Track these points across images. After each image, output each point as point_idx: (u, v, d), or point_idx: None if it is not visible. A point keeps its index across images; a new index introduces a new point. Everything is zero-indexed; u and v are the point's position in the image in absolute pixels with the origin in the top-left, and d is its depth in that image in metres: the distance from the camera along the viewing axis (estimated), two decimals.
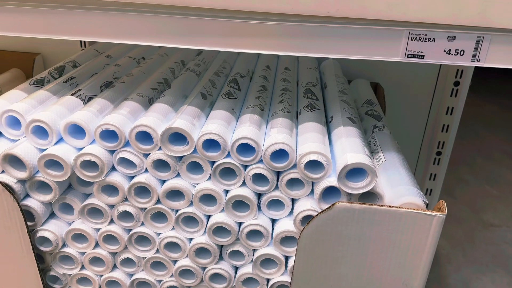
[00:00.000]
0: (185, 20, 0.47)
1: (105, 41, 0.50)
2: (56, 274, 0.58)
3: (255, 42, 0.48)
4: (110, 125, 0.50)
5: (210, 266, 0.56)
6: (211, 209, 0.53)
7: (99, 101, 0.56)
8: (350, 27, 0.46)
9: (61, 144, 0.52)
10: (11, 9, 0.48)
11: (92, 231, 0.55)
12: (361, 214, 0.47)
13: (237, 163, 0.51)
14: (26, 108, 0.53)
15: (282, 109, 0.58)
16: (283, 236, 0.52)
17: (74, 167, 0.51)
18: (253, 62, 0.79)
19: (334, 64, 0.79)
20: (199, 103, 0.58)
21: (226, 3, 0.45)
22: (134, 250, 0.56)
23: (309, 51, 0.48)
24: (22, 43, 0.92)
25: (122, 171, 0.53)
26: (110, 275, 0.58)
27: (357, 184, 0.48)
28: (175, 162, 0.52)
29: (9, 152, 0.50)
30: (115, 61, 0.73)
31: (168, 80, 0.68)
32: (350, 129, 0.54)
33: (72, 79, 0.63)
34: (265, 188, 0.52)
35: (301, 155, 0.49)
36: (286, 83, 0.68)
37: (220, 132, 0.50)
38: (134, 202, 0.53)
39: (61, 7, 0.48)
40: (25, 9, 0.48)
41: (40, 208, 0.53)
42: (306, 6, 0.44)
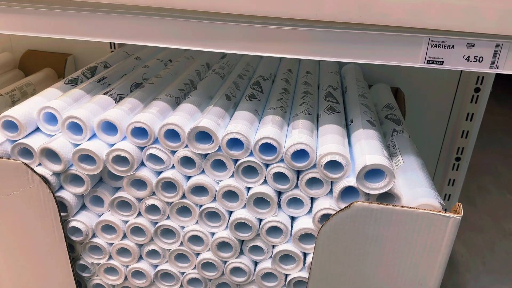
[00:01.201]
0: (210, 24, 0.50)
1: (134, 43, 0.52)
2: (85, 263, 0.62)
3: (279, 46, 0.50)
4: (141, 123, 0.53)
5: (231, 260, 0.58)
6: (233, 205, 0.56)
7: (130, 100, 0.59)
8: (372, 33, 0.47)
9: (94, 140, 0.55)
10: (45, 12, 0.52)
11: (121, 223, 0.58)
12: (379, 214, 0.49)
13: (259, 162, 0.53)
14: (62, 105, 0.56)
15: (303, 111, 0.60)
16: (302, 233, 0.54)
17: (106, 162, 0.54)
18: (275, 66, 0.81)
19: (355, 69, 0.80)
20: (224, 104, 0.60)
21: (253, 10, 0.48)
22: (159, 242, 0.59)
23: (331, 55, 0.49)
24: (55, 44, 0.97)
25: (150, 167, 0.56)
26: (136, 265, 0.61)
27: (375, 184, 0.49)
28: (200, 159, 0.55)
29: (46, 146, 0.54)
30: (144, 62, 0.76)
31: (194, 81, 0.70)
32: (369, 131, 0.56)
33: (104, 79, 0.66)
34: (286, 187, 0.54)
35: (321, 155, 0.51)
36: (307, 86, 0.70)
37: (243, 131, 0.53)
38: (161, 196, 0.56)
39: (92, 10, 0.51)
40: (59, 12, 0.52)
41: (72, 200, 0.56)
42: (330, 13, 0.46)
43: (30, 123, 0.56)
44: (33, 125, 0.56)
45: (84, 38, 0.53)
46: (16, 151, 0.55)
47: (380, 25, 0.47)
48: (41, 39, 0.97)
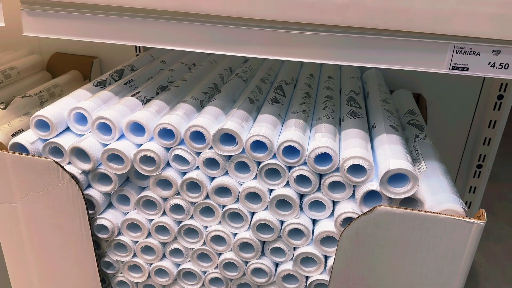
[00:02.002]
0: (234, 29, 0.51)
1: (159, 47, 0.54)
2: (110, 260, 0.63)
3: (302, 51, 0.51)
4: (168, 125, 0.55)
5: (253, 260, 0.59)
6: (256, 207, 0.57)
7: (157, 102, 0.61)
8: (397, 39, 0.48)
9: (122, 140, 0.57)
10: (73, 16, 0.53)
11: (146, 221, 0.59)
12: (401, 219, 0.49)
13: (282, 164, 0.54)
14: (92, 106, 0.58)
15: (326, 115, 0.61)
16: (323, 236, 0.55)
17: (133, 162, 0.55)
18: (296, 70, 0.82)
19: (376, 74, 0.81)
20: (247, 107, 0.61)
21: (279, 16, 0.49)
22: (182, 241, 0.60)
23: (355, 61, 0.50)
24: (81, 47, 1.00)
25: (176, 167, 0.57)
26: (159, 263, 0.62)
27: (399, 189, 0.50)
28: (224, 161, 0.56)
29: (76, 145, 0.55)
30: (169, 66, 0.78)
31: (217, 85, 0.72)
32: (392, 136, 0.56)
33: (131, 82, 0.68)
34: (308, 189, 0.55)
35: (344, 159, 0.51)
36: (329, 91, 0.70)
37: (267, 134, 0.54)
38: (186, 196, 0.57)
39: (119, 14, 0.53)
40: (86, 16, 0.53)
41: (100, 198, 0.58)
42: (355, 19, 0.47)
43: (61, 123, 0.58)
44: (63, 125, 0.58)
45: (111, 41, 0.54)
46: (47, 149, 0.57)
47: (405, 31, 0.48)
48: (68, 42, 1.00)
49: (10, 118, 0.77)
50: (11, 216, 0.60)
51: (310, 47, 0.50)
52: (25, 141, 0.57)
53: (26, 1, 0.54)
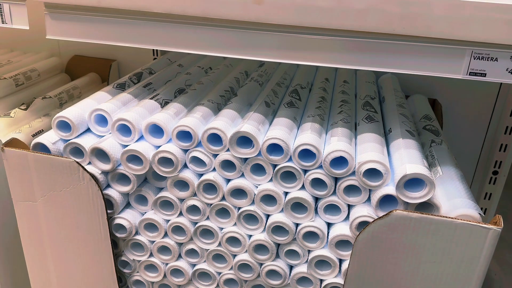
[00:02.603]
0: (251, 34, 0.52)
1: (176, 51, 0.55)
2: (127, 260, 0.64)
3: (318, 55, 0.51)
4: (186, 127, 0.56)
5: (267, 262, 0.60)
6: (271, 209, 0.57)
7: (175, 105, 0.62)
8: (414, 45, 0.48)
9: (141, 141, 0.58)
10: (94, 19, 0.55)
11: (163, 221, 0.60)
12: (417, 223, 0.49)
13: (297, 168, 0.55)
14: (112, 108, 0.60)
15: (341, 119, 0.61)
16: (338, 240, 0.55)
17: (152, 163, 0.57)
18: (312, 74, 0.83)
19: (392, 79, 0.81)
20: (263, 111, 0.62)
21: (297, 21, 0.49)
22: (198, 242, 0.61)
23: (372, 65, 0.51)
24: (100, 50, 1.02)
25: (193, 169, 0.58)
26: (175, 263, 0.63)
27: (415, 194, 0.50)
28: (241, 163, 0.57)
29: (96, 146, 0.57)
30: (186, 70, 0.80)
31: (233, 88, 0.73)
32: (409, 141, 0.56)
33: (150, 85, 0.69)
34: (323, 193, 0.55)
35: (360, 163, 0.52)
36: (345, 95, 0.71)
37: (283, 137, 0.54)
38: (202, 198, 0.58)
39: (137, 18, 0.54)
40: (105, 19, 0.55)
41: (119, 198, 0.59)
42: (373, 24, 0.48)
43: (82, 124, 0.59)
44: (84, 126, 0.60)
45: (130, 44, 0.56)
46: (68, 150, 0.58)
47: (423, 37, 0.48)
48: (87, 45, 1.02)
49: (31, 119, 0.79)
50: (31, 214, 0.61)
51: (327, 52, 0.51)
52: (47, 141, 0.58)
53: (50, 5, 0.56)
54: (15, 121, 0.77)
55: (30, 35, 1.04)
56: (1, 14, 0.58)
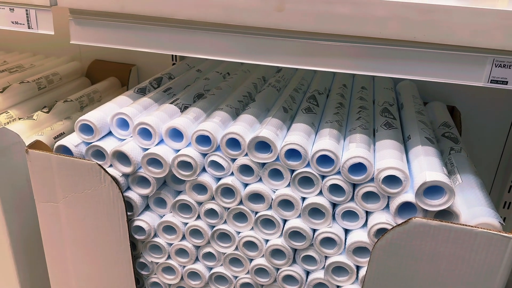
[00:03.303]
0: (269, 40, 0.52)
1: (196, 56, 0.56)
2: (145, 262, 0.65)
3: (337, 61, 0.52)
4: (206, 131, 0.57)
5: (284, 267, 0.60)
6: (288, 214, 0.57)
7: (194, 109, 0.63)
8: (434, 52, 0.48)
9: (161, 145, 0.59)
10: (114, 25, 0.56)
11: (181, 224, 0.61)
12: (437, 231, 0.49)
13: (315, 173, 0.55)
14: (134, 112, 0.61)
15: (360, 125, 0.61)
16: (356, 246, 0.55)
17: (171, 166, 0.57)
18: (329, 80, 0.83)
19: (411, 85, 0.81)
20: (281, 116, 0.62)
21: (318, 27, 0.50)
22: (215, 245, 0.61)
23: (392, 72, 0.51)
24: (120, 54, 1.04)
25: (211, 173, 0.58)
26: (192, 266, 0.63)
27: (434, 201, 0.50)
28: (259, 168, 0.57)
29: (118, 149, 0.58)
30: (205, 75, 0.81)
31: (251, 94, 0.73)
32: (428, 148, 0.56)
33: (170, 90, 0.70)
34: (341, 199, 0.55)
35: (379, 170, 0.52)
36: (363, 101, 0.71)
37: (301, 143, 0.55)
38: (220, 201, 0.59)
39: (158, 24, 0.55)
40: (126, 25, 0.56)
41: (138, 200, 0.60)
42: (394, 31, 0.48)
43: (104, 127, 0.60)
44: (106, 129, 0.61)
45: (150, 50, 0.57)
46: (90, 152, 0.60)
47: (444, 44, 0.48)
48: (107, 49, 1.04)
49: (53, 121, 0.81)
50: (53, 215, 0.63)
51: (346, 58, 0.51)
52: (69, 143, 0.59)
53: (75, 11, 0.58)
54: (37, 123, 0.79)
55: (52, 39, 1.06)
56: (28, 20, 0.60)
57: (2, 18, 0.61)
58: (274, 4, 0.50)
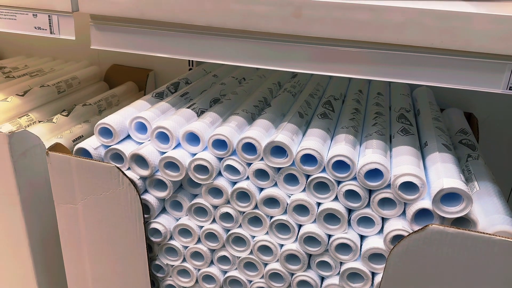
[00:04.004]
0: (285, 46, 0.53)
1: (212, 61, 0.57)
2: (161, 264, 0.66)
3: (354, 67, 0.52)
4: (222, 136, 0.57)
5: (299, 272, 0.60)
6: (304, 219, 0.58)
7: (211, 114, 0.63)
8: (452, 58, 0.48)
9: (178, 149, 0.59)
10: (132, 31, 0.57)
11: (196, 227, 0.62)
12: (454, 238, 0.48)
13: (331, 179, 0.55)
14: (152, 116, 0.62)
15: (376, 131, 0.61)
16: (371, 253, 0.55)
17: (188, 170, 0.58)
18: (345, 86, 0.83)
19: (427, 92, 0.80)
20: (297, 121, 0.63)
21: (334, 33, 0.50)
22: (230, 249, 0.62)
23: (408, 78, 0.51)
24: (138, 59, 1.05)
25: (227, 177, 0.59)
26: (207, 269, 0.64)
27: (452, 208, 0.49)
28: (274, 172, 0.57)
29: (136, 152, 0.59)
30: (221, 80, 0.81)
31: (267, 99, 0.74)
32: (445, 155, 0.56)
33: (187, 94, 0.71)
34: (357, 205, 0.55)
35: (396, 176, 0.51)
36: (379, 107, 0.71)
37: (317, 148, 0.55)
38: (235, 205, 0.59)
39: (175, 30, 0.56)
40: (145, 30, 0.57)
41: (155, 203, 0.61)
42: (411, 37, 0.48)
43: (123, 131, 0.61)
44: (125, 132, 0.62)
45: (168, 55, 0.58)
46: (109, 155, 0.61)
47: (462, 51, 0.48)
48: (125, 54, 1.06)
49: (72, 124, 0.83)
50: (71, 217, 0.64)
51: (362, 64, 0.51)
52: (89, 146, 0.61)
53: (95, 16, 0.59)
54: (57, 126, 0.81)
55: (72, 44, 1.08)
56: (50, 25, 0.61)
57: (25, 24, 0.62)
58: (292, 10, 0.50)
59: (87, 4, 0.57)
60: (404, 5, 0.47)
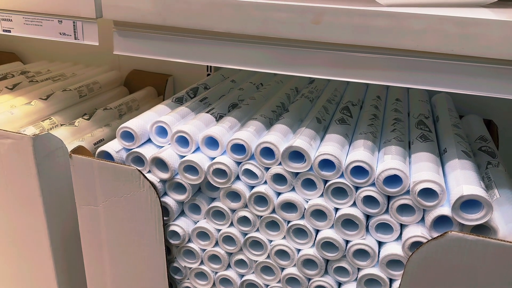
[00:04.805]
0: (303, 51, 0.53)
1: (230, 67, 0.57)
2: (179, 266, 0.67)
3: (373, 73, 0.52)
4: (240, 140, 0.58)
5: (316, 278, 0.60)
6: (321, 224, 0.58)
7: (229, 119, 0.64)
8: (472, 65, 0.48)
9: (198, 153, 0.60)
10: (154, 37, 0.58)
11: (214, 231, 0.62)
12: (473, 246, 0.48)
13: (349, 184, 0.55)
14: (172, 121, 0.63)
15: (395, 137, 0.61)
16: (389, 259, 0.55)
17: (207, 173, 0.59)
18: (362, 92, 0.83)
19: (446, 98, 0.80)
20: (315, 126, 0.63)
21: (353, 40, 0.51)
22: (247, 253, 0.62)
23: (427, 84, 0.51)
24: (157, 65, 1.07)
25: (245, 181, 0.60)
26: (225, 273, 0.65)
27: (471, 215, 0.49)
28: (292, 177, 0.58)
29: (156, 156, 0.60)
30: (239, 85, 0.82)
31: (284, 104, 0.75)
32: (465, 162, 0.55)
33: (206, 99, 0.73)
34: (375, 211, 0.55)
35: (415, 182, 0.51)
36: (397, 113, 0.70)
37: (336, 153, 0.55)
38: (253, 209, 0.60)
39: (196, 36, 0.57)
40: (165, 37, 0.58)
41: (174, 206, 0.62)
42: (431, 44, 0.48)
43: (144, 135, 0.63)
44: (146, 136, 0.63)
45: (188, 61, 0.59)
46: (130, 158, 0.62)
47: (482, 57, 0.47)
48: (145, 60, 1.08)
49: (93, 128, 0.85)
50: (92, 218, 0.65)
51: (381, 70, 0.52)
52: (111, 149, 0.62)
53: (118, 23, 0.60)
54: (78, 130, 0.83)
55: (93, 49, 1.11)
56: (75, 31, 0.63)
57: (51, 30, 0.64)
58: (311, 17, 0.51)
59: (110, 11, 0.58)
60: (424, 12, 0.47)
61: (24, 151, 0.65)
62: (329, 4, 0.50)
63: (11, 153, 0.66)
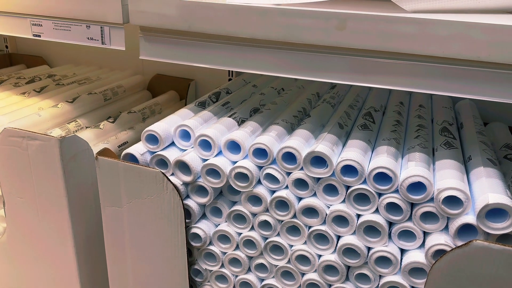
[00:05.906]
0: (327, 57, 0.53)
1: (252, 72, 0.58)
2: (199, 269, 0.67)
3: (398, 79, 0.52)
4: (262, 145, 0.58)
5: (337, 284, 0.60)
6: (343, 230, 0.58)
7: (251, 123, 0.65)
8: (499, 72, 0.47)
9: (220, 156, 0.61)
10: (178, 42, 0.59)
11: (235, 234, 0.63)
12: (499, 255, 0.47)
13: (372, 190, 0.55)
14: (195, 124, 0.64)
15: (418, 144, 0.60)
16: (412, 267, 0.54)
17: (229, 177, 0.60)
18: (385, 98, 0.83)
19: (470, 105, 0.79)
20: (337, 132, 0.63)
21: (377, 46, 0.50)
22: (268, 257, 0.62)
23: (452, 91, 0.50)
24: (180, 69, 1.09)
25: (266, 185, 0.60)
26: (245, 276, 0.65)
27: (497, 224, 0.48)
28: (313, 182, 0.58)
29: (180, 159, 0.61)
30: (260, 90, 0.83)
31: (306, 109, 0.75)
32: (490, 170, 0.55)
33: (228, 104, 0.73)
34: (398, 218, 0.54)
35: (440, 190, 0.51)
36: (421, 119, 0.70)
37: (358, 159, 0.55)
38: (274, 214, 0.60)
39: (220, 42, 0.58)
40: (190, 42, 0.59)
41: (196, 208, 0.63)
42: (457, 51, 0.47)
43: (168, 138, 0.64)
44: (169, 139, 0.64)
45: (206, 65, 0.59)
46: (154, 161, 0.63)
47: (509, 64, 0.47)
48: (168, 64, 1.08)
49: (117, 131, 0.87)
50: (116, 219, 0.67)
51: (406, 76, 0.51)
52: (136, 152, 0.63)
53: (145, 28, 0.62)
54: (103, 132, 0.85)
55: (117, 54, 1.13)
56: (102, 36, 0.65)
57: (79, 34, 0.66)
58: (336, 23, 0.51)
59: (137, 17, 0.60)
60: (450, 18, 0.47)
61: (51, 152, 0.67)
62: (353, 10, 0.50)
63: (39, 154, 0.68)
